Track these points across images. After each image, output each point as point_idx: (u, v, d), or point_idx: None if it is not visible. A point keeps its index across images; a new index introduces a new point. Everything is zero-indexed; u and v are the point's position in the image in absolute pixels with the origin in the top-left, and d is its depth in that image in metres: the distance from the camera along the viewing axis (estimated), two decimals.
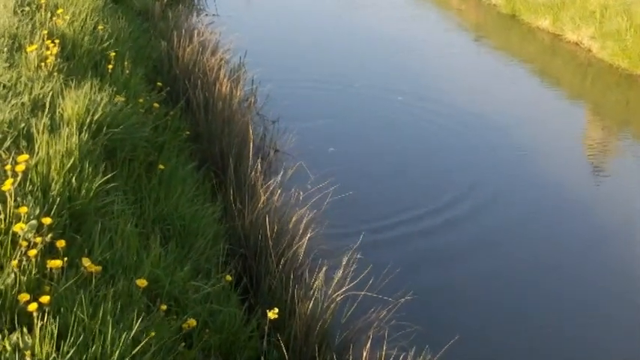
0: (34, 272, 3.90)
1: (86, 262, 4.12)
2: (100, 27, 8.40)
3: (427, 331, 6.30)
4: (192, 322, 4.46)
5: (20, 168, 4.52)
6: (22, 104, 5.83)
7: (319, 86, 14.07)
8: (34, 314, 3.52)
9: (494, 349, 7.14)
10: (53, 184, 4.76)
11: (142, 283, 4.24)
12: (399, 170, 10.88)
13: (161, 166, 6.59)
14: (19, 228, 4.01)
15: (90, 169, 5.11)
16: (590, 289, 8.43)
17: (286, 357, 4.98)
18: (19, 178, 4.51)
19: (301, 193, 7.31)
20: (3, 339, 3.45)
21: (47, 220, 4.16)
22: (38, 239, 4.00)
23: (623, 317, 7.82)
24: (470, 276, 8.27)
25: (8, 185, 4.31)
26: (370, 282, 6.01)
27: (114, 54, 7.71)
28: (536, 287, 8.30)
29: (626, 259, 8.98)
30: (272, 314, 4.91)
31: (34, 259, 3.90)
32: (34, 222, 4.12)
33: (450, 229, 9.28)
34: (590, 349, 7.41)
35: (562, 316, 7.82)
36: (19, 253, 3.94)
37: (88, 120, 5.84)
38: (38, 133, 5.25)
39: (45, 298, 3.60)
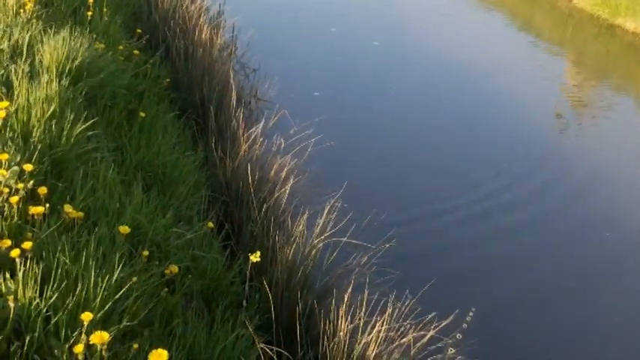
0: (16, 218, 3.91)
1: (68, 208, 4.13)
2: None
3: (407, 276, 6.38)
4: (175, 268, 4.48)
5: (0, 115, 4.49)
6: (1, 50, 5.78)
7: (299, 33, 14.06)
8: (17, 260, 3.53)
9: (470, 290, 7.28)
10: (34, 131, 4.75)
11: (124, 229, 4.24)
12: (378, 116, 10.95)
13: (142, 114, 6.56)
14: (0, 175, 4.01)
15: (70, 116, 5.09)
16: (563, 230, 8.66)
17: (270, 301, 5.02)
18: None
19: (283, 141, 7.30)
20: None
21: (29, 167, 4.16)
22: (20, 185, 4.00)
23: None
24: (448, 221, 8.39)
25: None
26: (352, 229, 6.03)
27: (92, 0, 7.61)
28: (511, 231, 8.46)
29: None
30: (254, 257, 4.92)
31: (15, 206, 3.91)
32: (15, 168, 4.11)
33: (434, 176, 9.39)
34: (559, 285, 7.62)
35: (538, 256, 8.02)
36: (0, 199, 3.94)
37: (67, 67, 5.80)
38: (18, 79, 5.21)
39: (27, 244, 3.61)
